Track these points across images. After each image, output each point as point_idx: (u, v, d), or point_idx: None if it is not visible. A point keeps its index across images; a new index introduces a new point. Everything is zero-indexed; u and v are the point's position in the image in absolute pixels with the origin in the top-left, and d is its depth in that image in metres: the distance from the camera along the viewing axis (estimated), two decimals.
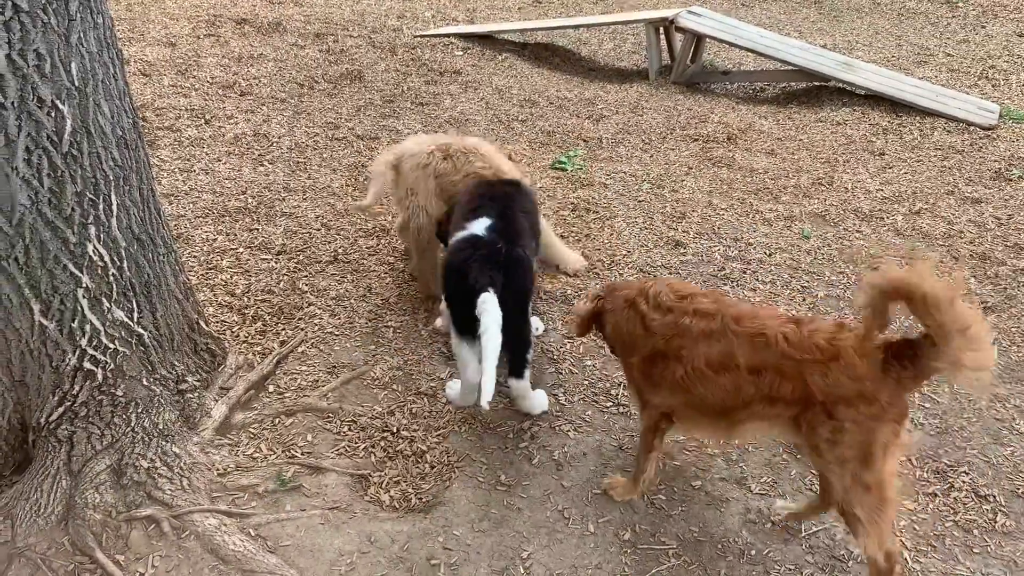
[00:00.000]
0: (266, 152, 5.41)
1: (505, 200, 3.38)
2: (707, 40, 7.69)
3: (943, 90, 7.03)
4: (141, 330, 2.83)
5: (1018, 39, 8.75)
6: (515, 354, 3.13)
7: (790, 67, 7.22)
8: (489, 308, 2.87)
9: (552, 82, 7.36)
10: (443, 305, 3.41)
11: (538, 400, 3.27)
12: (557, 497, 2.92)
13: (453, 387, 3.35)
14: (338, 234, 4.51)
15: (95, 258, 2.62)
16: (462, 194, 3.57)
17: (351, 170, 5.26)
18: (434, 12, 9.07)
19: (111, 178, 2.62)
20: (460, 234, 3.15)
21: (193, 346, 3.17)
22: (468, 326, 2.97)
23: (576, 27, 8.56)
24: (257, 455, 3.01)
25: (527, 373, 3.18)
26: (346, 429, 3.17)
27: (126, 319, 2.77)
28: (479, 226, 3.14)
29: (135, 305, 2.80)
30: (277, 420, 3.18)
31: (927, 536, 2.82)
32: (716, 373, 2.44)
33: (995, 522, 2.89)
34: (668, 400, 2.62)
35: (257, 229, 4.48)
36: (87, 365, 2.68)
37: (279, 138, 5.62)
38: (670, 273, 4.24)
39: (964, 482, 3.06)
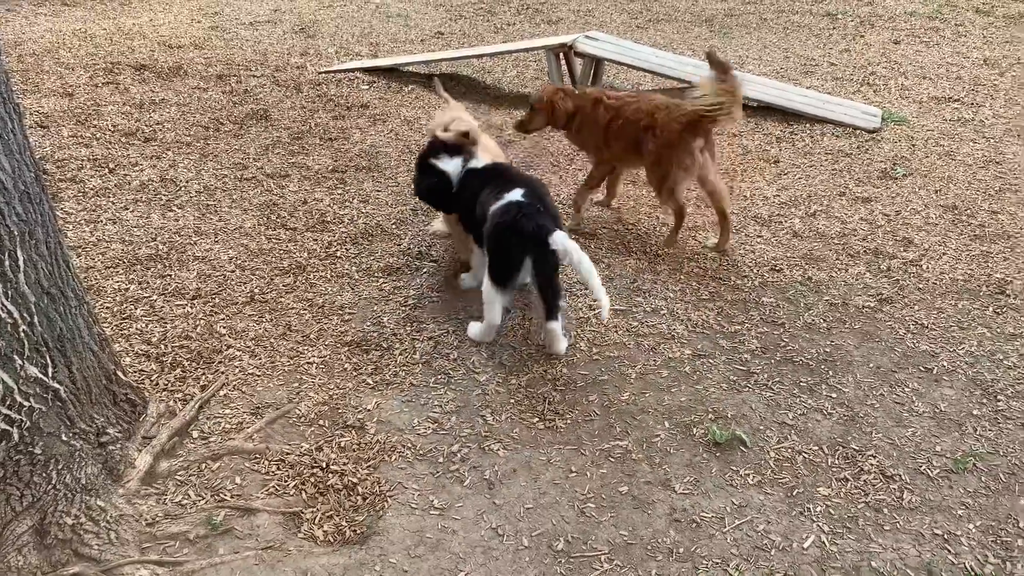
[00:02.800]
0: (174, 197, 5.35)
1: (524, 176, 4.01)
2: (606, 63, 7.94)
3: (829, 98, 7.42)
4: (57, 385, 2.79)
5: (894, 46, 9.30)
6: (551, 300, 3.71)
7: (686, 84, 7.50)
8: (566, 243, 3.52)
9: None
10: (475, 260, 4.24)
11: (564, 343, 3.85)
12: (490, 515, 2.98)
13: (475, 326, 3.92)
14: (253, 274, 4.49)
15: (3, 315, 2.57)
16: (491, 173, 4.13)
17: (262, 209, 5.24)
18: (337, 48, 9.10)
19: (15, 233, 2.59)
20: (499, 203, 3.70)
21: (112, 397, 3.12)
22: (510, 277, 3.64)
23: (479, 56, 8.71)
24: (185, 502, 2.98)
25: (561, 316, 3.78)
26: (274, 468, 3.17)
27: (40, 375, 2.72)
28: (516, 195, 3.70)
29: (49, 360, 2.76)
30: (203, 465, 3.16)
31: (841, 519, 2.98)
32: None
33: (902, 500, 3.08)
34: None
35: (170, 275, 4.43)
36: (1, 425, 2.62)
37: (187, 182, 5.56)
38: (584, 290, 4.34)
39: (872, 464, 3.24)
